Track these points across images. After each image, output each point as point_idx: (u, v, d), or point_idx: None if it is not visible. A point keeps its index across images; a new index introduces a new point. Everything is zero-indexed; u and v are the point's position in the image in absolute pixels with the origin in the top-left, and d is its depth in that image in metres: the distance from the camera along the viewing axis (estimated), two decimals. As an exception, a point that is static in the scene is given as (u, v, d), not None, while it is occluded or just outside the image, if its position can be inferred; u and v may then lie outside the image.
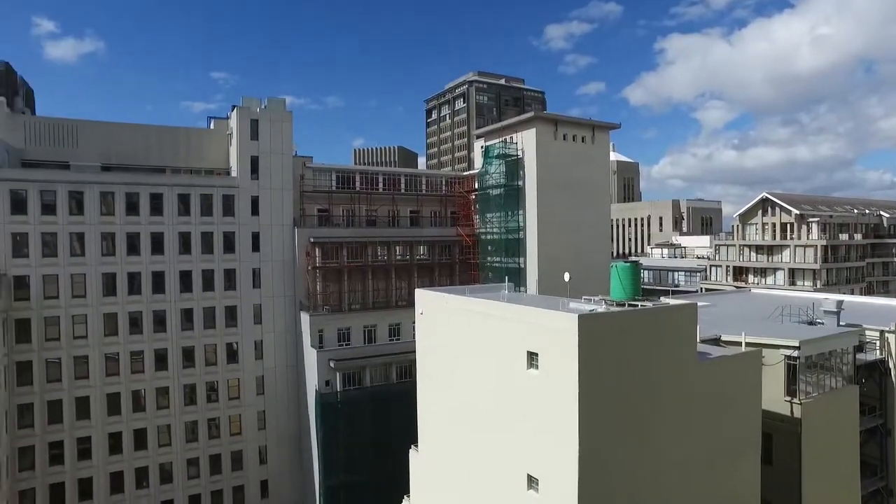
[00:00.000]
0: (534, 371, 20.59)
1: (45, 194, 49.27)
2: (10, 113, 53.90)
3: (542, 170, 57.72)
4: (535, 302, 23.95)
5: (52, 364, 49.72)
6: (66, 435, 50.34)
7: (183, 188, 54.12)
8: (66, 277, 49.91)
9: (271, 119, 57.59)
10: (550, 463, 19.85)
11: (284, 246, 57.82)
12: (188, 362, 54.57)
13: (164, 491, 53.91)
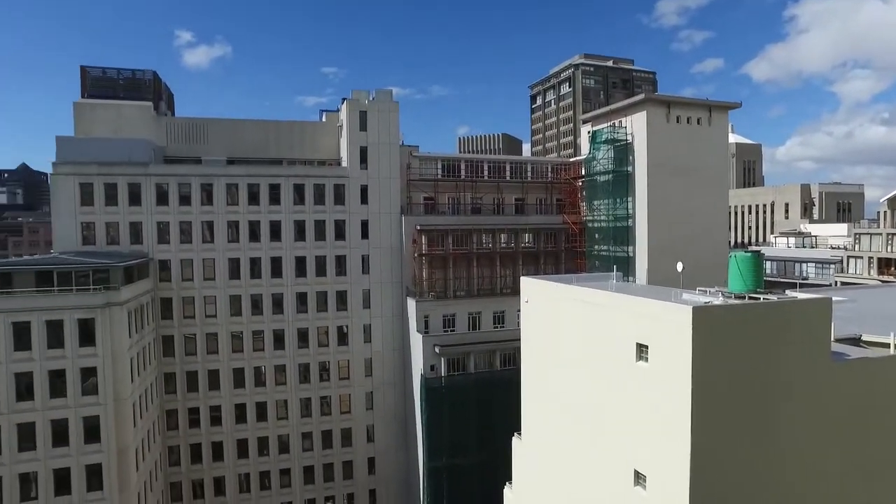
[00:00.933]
0: (643, 364, 19.77)
1: (182, 187, 54.54)
2: (155, 116, 60.00)
3: (653, 154, 54.87)
4: (645, 292, 22.92)
5: (189, 339, 55.28)
6: (201, 403, 55.89)
7: (298, 179, 57.50)
8: (199, 262, 55.07)
9: (379, 110, 59.47)
10: (659, 460, 19.02)
11: (392, 233, 59.75)
12: (302, 343, 58.25)
13: (281, 460, 58.25)
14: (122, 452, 43.75)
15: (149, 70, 61.50)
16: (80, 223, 52.17)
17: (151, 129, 58.66)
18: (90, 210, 52.36)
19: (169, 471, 55.50)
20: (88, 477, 42.82)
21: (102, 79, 60.32)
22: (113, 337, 42.98)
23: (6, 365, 40.88)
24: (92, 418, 42.69)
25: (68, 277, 43.23)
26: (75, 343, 42.11)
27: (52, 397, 41.89)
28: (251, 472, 57.60)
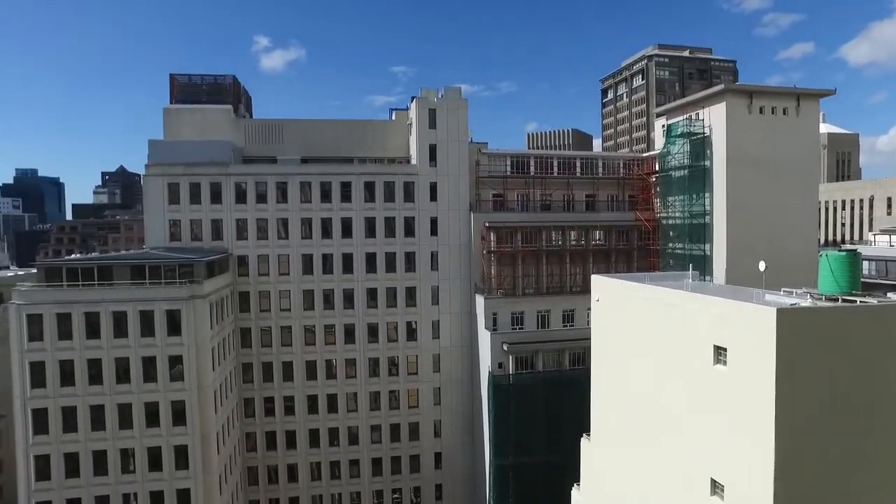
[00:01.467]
0: (721, 367, 18.82)
1: (258, 185, 57.02)
2: (235, 118, 63.03)
3: (734, 148, 52.03)
4: (723, 293, 21.81)
5: (265, 331, 57.78)
6: (276, 393, 58.32)
7: (368, 176, 58.75)
8: (274, 257, 57.42)
9: (448, 108, 59.73)
10: (739, 469, 18.05)
11: (461, 230, 59.95)
12: (372, 338, 59.53)
13: (351, 451, 59.86)
14: (206, 436, 46.37)
15: (229, 75, 64.61)
16: (167, 220, 55.72)
17: (231, 131, 61.63)
18: (177, 208, 55.77)
19: (246, 456, 58.31)
20: (176, 457, 45.77)
21: (188, 85, 63.92)
22: (197, 327, 45.59)
23: (108, 350, 44.40)
24: (179, 403, 45.52)
25: (158, 271, 46.22)
26: (164, 332, 45.02)
27: (145, 382, 45.04)
28: (322, 462, 59.57)
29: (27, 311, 43.81)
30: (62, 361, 44.18)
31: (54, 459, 44.56)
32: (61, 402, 44.37)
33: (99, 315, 44.33)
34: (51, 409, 44.31)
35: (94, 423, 44.81)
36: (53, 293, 44.54)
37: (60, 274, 45.40)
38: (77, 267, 45.97)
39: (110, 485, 45.30)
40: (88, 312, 44.22)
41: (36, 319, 43.82)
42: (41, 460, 44.57)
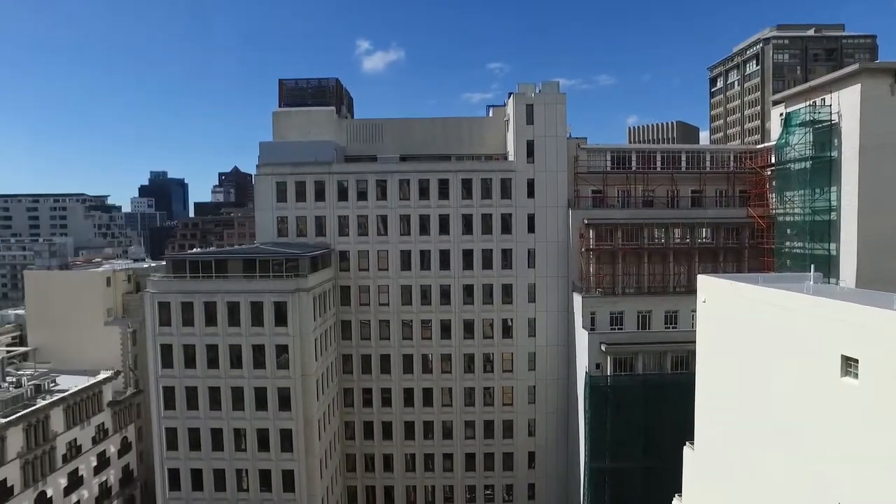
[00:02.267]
0: (850, 380, 16.97)
1: (359, 183, 59.11)
2: (337, 119, 65.75)
3: (870, 135, 46.55)
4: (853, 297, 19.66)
5: (364, 325, 59.89)
6: (373, 385, 60.30)
7: (465, 173, 59.02)
8: (374, 253, 59.31)
9: (545, 103, 58.64)
10: (872, 498, 16.17)
11: (558, 227, 58.74)
12: (468, 334, 59.84)
13: (444, 445, 60.63)
14: (308, 422, 48.91)
15: (332, 78, 67.40)
16: (276, 217, 59.27)
17: (334, 132, 64.33)
18: (284, 206, 59.17)
19: (345, 443, 60.85)
20: (282, 440, 48.71)
21: (295, 89, 67.44)
22: (301, 319, 48.12)
23: (223, 338, 48.11)
24: (284, 389, 48.36)
25: (267, 265, 49.27)
26: (272, 323, 47.97)
27: (255, 368, 48.29)
28: (416, 454, 60.86)
29: (158, 300, 48.48)
30: (185, 346, 48.49)
31: (180, 433, 49.09)
32: (185, 382, 48.75)
33: (216, 305, 48.09)
34: (177, 387, 48.82)
35: (211, 402, 48.78)
36: (179, 283, 48.91)
37: (184, 266, 49.74)
38: (198, 260, 50.16)
39: (225, 460, 49.12)
40: (207, 302, 48.11)
41: (165, 307, 48.38)
42: (170, 432, 49.30)
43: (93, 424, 61.03)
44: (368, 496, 61.82)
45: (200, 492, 49.51)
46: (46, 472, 54.41)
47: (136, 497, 67.53)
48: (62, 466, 56.42)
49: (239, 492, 49.36)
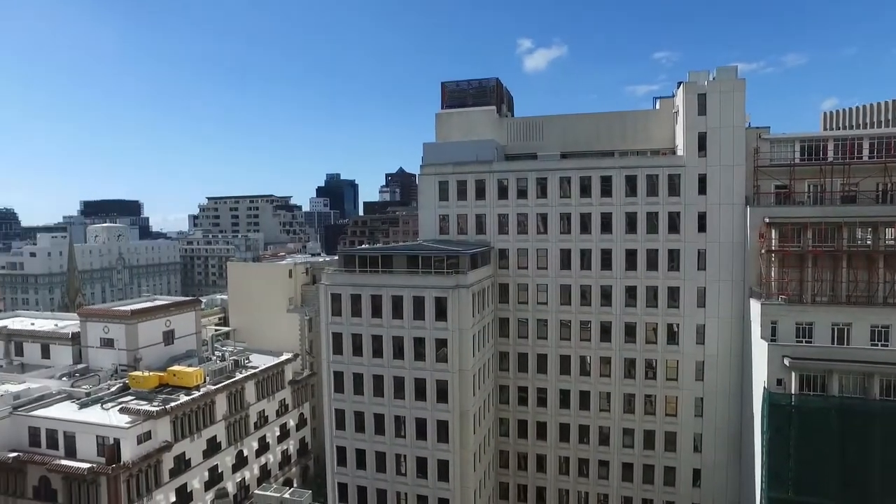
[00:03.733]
0: None
1: (519, 182, 59.04)
2: (498, 118, 66.38)
3: None
4: None
5: (522, 323, 59.77)
6: (529, 383, 60.02)
7: (629, 170, 56.09)
8: (533, 251, 58.89)
9: (720, 90, 53.53)
10: None
11: (734, 226, 53.41)
12: (629, 337, 56.92)
13: (600, 451, 58.36)
14: (464, 415, 50.09)
15: (492, 78, 68.07)
16: (438, 215, 61.51)
17: (495, 131, 65.01)
18: (446, 204, 61.16)
19: (499, 439, 61.34)
20: (438, 430, 50.47)
21: (456, 90, 69.30)
22: (460, 315, 49.38)
23: (387, 329, 51.16)
24: (442, 382, 50.03)
25: (429, 262, 51.32)
26: (432, 317, 49.86)
27: (416, 360, 50.61)
28: (570, 457, 59.37)
29: (331, 291, 52.96)
30: (353, 335, 52.36)
31: (347, 415, 53.19)
32: (352, 369, 52.68)
33: (381, 298, 51.23)
34: (345, 373, 52.94)
35: (375, 389, 52.11)
36: (349, 277, 52.93)
37: (354, 261, 53.69)
38: (366, 256, 53.82)
39: (386, 444, 52.23)
40: (374, 295, 51.46)
41: (336, 298, 52.71)
42: (338, 413, 53.67)
43: (276, 399, 68.81)
44: (520, 494, 61.73)
45: (363, 470, 53.22)
46: (243, 435, 62.67)
47: (309, 467, 74.81)
48: (254, 432, 64.50)
49: (397, 475, 52.16)
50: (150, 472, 51.01)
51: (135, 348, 63.07)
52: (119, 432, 49.06)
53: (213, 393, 58.61)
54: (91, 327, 64.84)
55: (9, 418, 51.54)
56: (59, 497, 49.48)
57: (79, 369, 63.73)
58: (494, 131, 64.91)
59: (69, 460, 49.15)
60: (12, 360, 68.53)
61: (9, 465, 49.49)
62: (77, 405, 54.08)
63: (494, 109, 65.96)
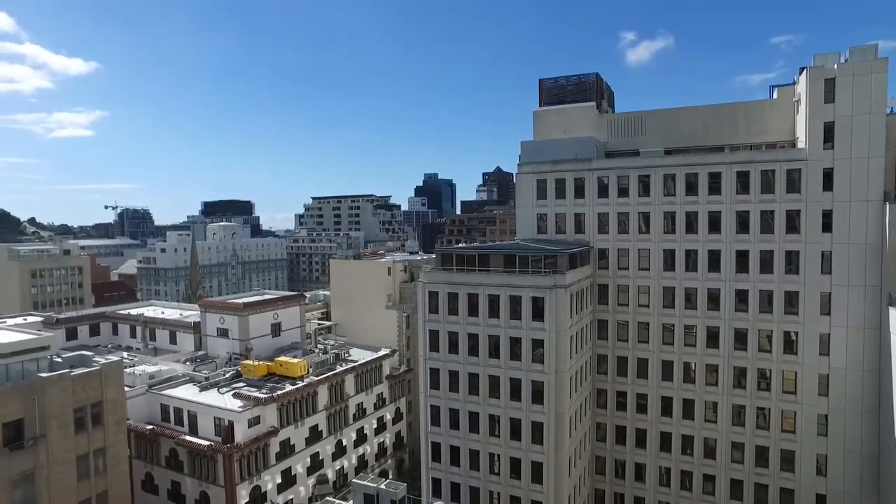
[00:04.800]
0: None
1: (620, 179, 56.84)
2: (598, 114, 64.35)
3: None
4: None
5: (622, 325, 57.56)
6: (628, 388, 57.67)
7: (741, 165, 52.23)
8: (634, 252, 56.49)
9: (854, 73, 48.30)
10: None
11: (868, 225, 48.05)
12: (739, 345, 53.06)
13: (705, 464, 54.85)
14: (559, 418, 49.01)
15: (591, 73, 66.10)
16: (535, 214, 60.67)
17: (594, 127, 63.06)
18: (543, 203, 60.18)
19: (595, 444, 59.46)
20: (532, 431, 49.72)
21: (554, 87, 67.97)
22: (557, 315, 48.35)
23: (483, 328, 51.18)
24: (538, 383, 49.23)
25: (526, 261, 50.71)
26: (529, 317, 49.21)
27: (511, 360, 50.20)
28: (672, 468, 56.33)
29: (428, 289, 53.81)
30: (450, 333, 52.84)
31: (442, 411, 53.80)
32: (448, 366, 53.19)
33: (478, 296, 51.30)
34: (441, 370, 53.58)
35: (470, 387, 52.27)
36: (446, 275, 53.50)
37: (451, 260, 54.19)
38: (463, 254, 54.13)
39: (480, 442, 52.21)
40: (470, 293, 51.65)
41: (433, 296, 53.47)
42: (434, 409, 54.41)
43: (374, 393, 71.05)
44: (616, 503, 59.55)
45: (457, 467, 53.58)
46: (342, 426, 65.36)
47: (404, 460, 76.59)
48: (352, 423, 67.03)
49: (490, 474, 52.01)
50: (260, 454, 54.56)
51: (246, 338, 67.72)
52: (233, 415, 52.93)
53: (316, 384, 61.58)
54: (209, 318, 70.47)
55: (145, 395, 57.31)
56: (184, 468, 54.28)
57: (199, 355, 69.53)
58: (594, 128, 63.00)
59: (192, 436, 53.76)
60: (147, 344, 76.04)
61: (146, 435, 55.18)
62: (198, 388, 58.99)
63: (594, 105, 64.01)
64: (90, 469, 43.10)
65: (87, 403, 42.77)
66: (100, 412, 43.58)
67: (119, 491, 45.26)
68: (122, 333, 79.48)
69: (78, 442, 42.21)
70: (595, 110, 63.96)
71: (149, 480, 56.69)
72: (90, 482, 43.04)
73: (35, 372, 40.91)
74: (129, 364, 62.55)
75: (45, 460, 40.17)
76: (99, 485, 43.66)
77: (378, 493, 35.80)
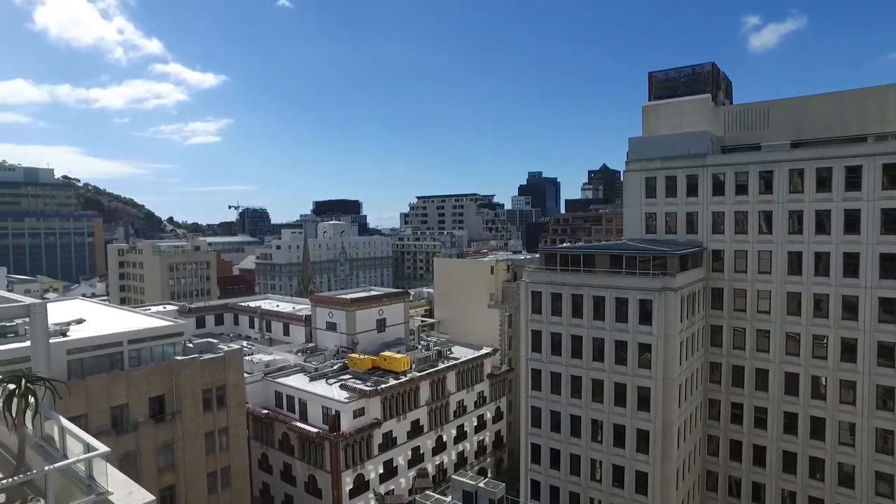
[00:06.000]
0: None
1: (738, 176, 52.88)
2: (713, 107, 60.25)
3: None
4: None
5: (738, 332, 53.55)
6: (745, 400, 53.54)
7: (889, 157, 46.51)
8: (753, 253, 52.31)
9: None
10: None
11: None
12: (884, 360, 47.28)
13: (841, 493, 49.51)
14: (667, 427, 46.52)
15: (707, 63, 61.98)
16: (644, 213, 57.99)
17: (709, 121, 59.12)
18: (653, 202, 57.38)
19: (707, 458, 55.76)
20: (638, 439, 47.61)
21: (665, 80, 64.53)
22: (667, 319, 45.92)
23: (587, 330, 49.80)
24: (644, 389, 47.06)
25: (633, 262, 48.65)
26: (636, 320, 47.15)
27: (616, 363, 48.37)
28: (798, 493, 51.45)
29: (531, 289, 53.22)
30: (553, 334, 51.90)
31: (543, 413, 53.00)
32: (550, 368, 52.28)
33: (582, 298, 49.94)
34: (543, 371, 52.78)
35: (572, 390, 51.02)
36: (549, 275, 52.62)
37: (555, 259, 53.21)
38: (567, 254, 52.97)
39: (581, 447, 50.80)
40: (574, 294, 50.40)
41: (536, 296, 52.78)
42: (534, 411, 53.75)
43: (475, 391, 71.39)
44: (732, 524, 55.49)
45: (557, 470, 52.49)
46: (443, 422, 66.33)
47: (503, 460, 76.30)
48: (453, 420, 67.82)
49: (591, 480, 50.43)
50: (364, 444, 56.75)
51: (353, 333, 70.72)
52: (339, 405, 55.47)
53: (418, 379, 62.99)
54: (319, 312, 74.36)
55: (261, 382, 61.65)
56: (295, 451, 57.76)
57: (309, 347, 73.62)
58: (709, 121, 59.08)
59: (302, 423, 57.06)
60: (264, 335, 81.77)
61: (262, 419, 59.40)
62: (308, 378, 62.49)
63: (709, 97, 60.04)
64: (216, 445, 47.05)
65: (213, 386, 46.73)
66: (223, 394, 47.45)
67: (239, 467, 49.06)
68: (242, 324, 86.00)
69: (206, 419, 46.24)
70: (710, 102, 59.98)
71: (264, 460, 60.88)
72: (216, 457, 46.99)
73: (172, 355, 45.33)
74: (248, 352, 67.55)
75: (181, 433, 44.44)
76: (223, 460, 47.56)
77: (477, 491, 35.90)
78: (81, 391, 38.46)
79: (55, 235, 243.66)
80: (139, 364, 43.30)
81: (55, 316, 44.06)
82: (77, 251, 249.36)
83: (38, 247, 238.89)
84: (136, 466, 41.29)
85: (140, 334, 44.28)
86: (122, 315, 51.84)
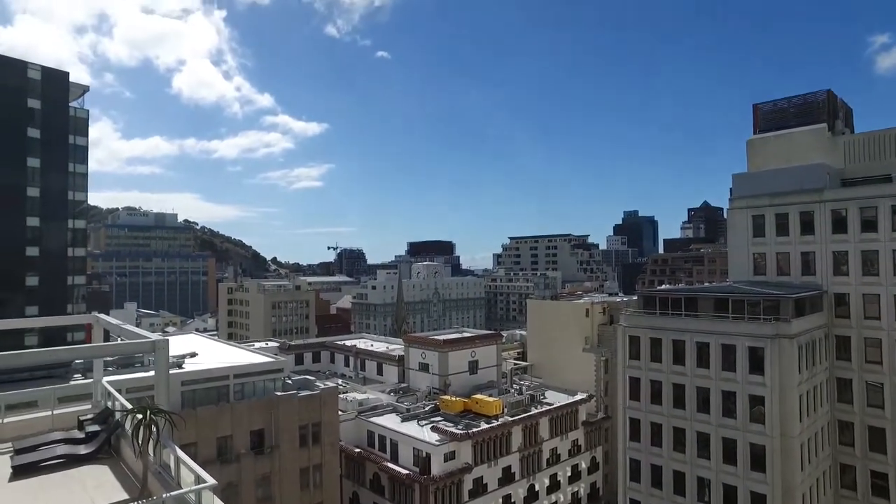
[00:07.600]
0: None
1: (864, 211, 48.06)
2: (830, 137, 55.71)
3: None
4: None
5: (872, 388, 47.48)
6: (890, 469, 46.67)
7: None
8: (887, 297, 46.74)
9: None
10: None
11: None
12: None
13: None
14: (787, 492, 41.74)
15: (821, 91, 57.76)
16: (751, 254, 53.98)
17: (825, 152, 54.63)
18: (761, 241, 53.35)
19: (841, 532, 49.19)
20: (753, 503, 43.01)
21: (772, 111, 60.77)
22: (781, 369, 41.85)
23: (690, 378, 46.49)
24: (758, 447, 42.80)
25: (741, 305, 45.12)
26: (745, 369, 43.39)
27: (723, 416, 44.51)
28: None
29: (629, 333, 50.79)
30: (652, 381, 48.91)
31: (643, 466, 49.58)
32: (650, 417, 49.07)
33: (684, 343, 46.85)
34: (642, 420, 49.64)
35: (675, 443, 47.42)
36: (648, 319, 50.01)
37: (654, 302, 50.57)
38: (667, 297, 50.18)
39: (689, 508, 46.67)
40: (675, 340, 47.40)
41: (634, 340, 50.23)
42: (633, 463, 50.46)
43: (569, 439, 68.33)
44: None
45: (662, 532, 48.48)
46: (535, 470, 63.86)
47: (601, 516, 71.74)
48: (546, 468, 65.09)
49: (702, 546, 46.02)
50: (454, 489, 55.60)
51: (445, 374, 70.50)
52: (430, 448, 55.00)
53: (510, 424, 61.30)
54: (412, 352, 75.03)
55: (354, 420, 62.66)
56: (385, 492, 57.68)
57: (402, 387, 74.16)
58: (825, 153, 54.58)
59: (393, 463, 57.06)
60: (358, 374, 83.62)
61: (354, 457, 60.14)
62: (399, 418, 62.67)
63: (825, 127, 55.65)
64: (310, 481, 48.08)
65: (310, 422, 48.08)
66: (318, 431, 48.65)
67: (332, 505, 49.71)
68: (338, 362, 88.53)
69: (301, 455, 47.51)
70: (826, 132, 55.55)
71: (355, 499, 61.27)
72: (310, 493, 47.94)
73: (273, 390, 47.36)
74: (342, 390, 69.15)
75: (279, 467, 45.90)
76: (316, 496, 48.42)
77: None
78: (192, 421, 40.95)
79: (175, 274, 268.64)
80: (242, 397, 45.58)
81: (173, 349, 47.61)
82: (193, 288, 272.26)
83: (161, 284, 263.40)
84: (237, 497, 43.00)
85: (245, 369, 46.77)
86: (228, 350, 55.19)
